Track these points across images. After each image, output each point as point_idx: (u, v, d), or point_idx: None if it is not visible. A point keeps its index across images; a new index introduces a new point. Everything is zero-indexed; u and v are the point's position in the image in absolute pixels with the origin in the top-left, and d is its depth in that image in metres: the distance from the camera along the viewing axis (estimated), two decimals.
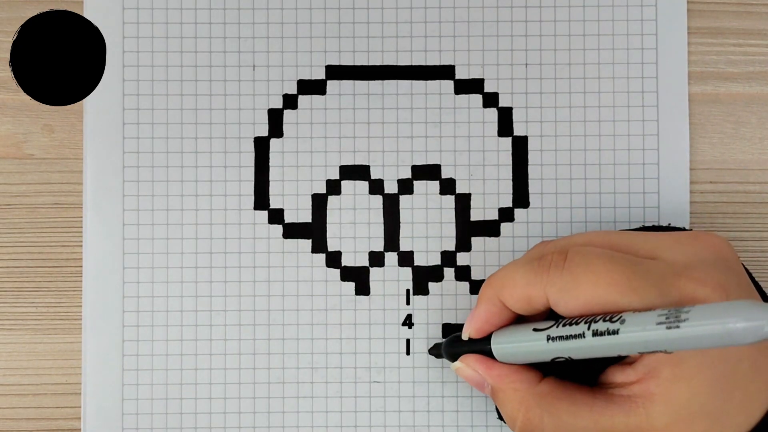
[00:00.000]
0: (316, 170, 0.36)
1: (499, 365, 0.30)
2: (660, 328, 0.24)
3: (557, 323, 0.28)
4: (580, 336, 0.27)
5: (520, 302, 0.29)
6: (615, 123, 0.36)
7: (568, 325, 0.27)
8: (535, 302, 0.29)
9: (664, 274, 0.27)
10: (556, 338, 0.28)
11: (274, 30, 0.36)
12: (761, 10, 0.36)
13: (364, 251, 0.36)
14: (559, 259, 0.28)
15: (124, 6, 0.36)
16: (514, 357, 0.30)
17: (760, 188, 0.36)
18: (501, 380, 0.30)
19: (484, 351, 0.31)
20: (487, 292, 0.30)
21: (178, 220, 0.36)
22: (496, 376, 0.30)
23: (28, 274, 0.36)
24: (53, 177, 0.36)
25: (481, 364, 0.31)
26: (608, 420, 0.27)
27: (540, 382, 0.30)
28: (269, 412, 0.35)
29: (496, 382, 0.30)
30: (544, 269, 0.28)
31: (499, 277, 0.30)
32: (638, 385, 0.27)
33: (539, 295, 0.28)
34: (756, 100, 0.36)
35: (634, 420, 0.27)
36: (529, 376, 0.30)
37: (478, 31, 0.36)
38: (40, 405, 0.36)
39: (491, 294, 0.30)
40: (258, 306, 0.35)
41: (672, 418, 0.26)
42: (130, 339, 0.35)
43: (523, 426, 0.29)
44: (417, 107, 0.36)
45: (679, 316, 0.23)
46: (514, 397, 0.30)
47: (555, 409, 0.28)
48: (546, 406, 0.29)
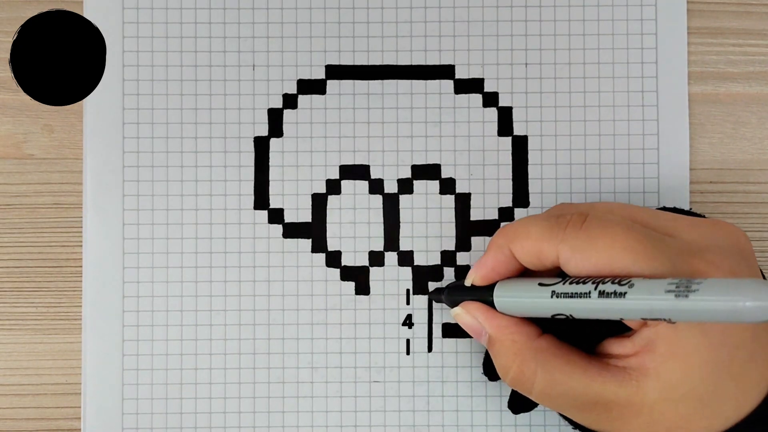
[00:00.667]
0: (316, 170, 0.36)
1: (499, 316, 0.30)
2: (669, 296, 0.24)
3: (564, 280, 0.28)
4: (586, 295, 0.26)
5: (530, 255, 0.29)
6: (615, 123, 0.36)
7: (575, 283, 0.27)
8: (545, 257, 0.28)
9: (679, 251, 0.27)
10: (561, 295, 0.27)
11: (274, 30, 0.36)
12: (761, 10, 0.37)
13: (364, 251, 0.36)
14: (577, 219, 0.28)
15: (124, 6, 0.36)
16: (515, 309, 0.30)
17: (760, 188, 0.36)
18: (500, 330, 0.30)
19: (485, 300, 0.31)
20: (498, 240, 0.30)
21: (178, 220, 0.36)
22: (495, 325, 0.30)
23: (28, 274, 0.36)
24: (53, 177, 0.36)
25: (482, 312, 0.31)
26: (600, 386, 0.27)
27: (539, 337, 0.30)
28: (269, 412, 0.35)
29: (495, 332, 0.30)
30: (561, 226, 0.28)
31: (513, 228, 0.29)
32: (634, 358, 0.27)
33: (551, 251, 0.28)
34: (756, 100, 0.36)
35: (625, 391, 0.27)
36: (528, 329, 0.30)
37: (478, 30, 0.36)
38: (40, 405, 0.36)
39: (502, 242, 0.30)
40: (258, 306, 0.35)
41: (662, 395, 0.26)
42: (130, 339, 0.35)
43: (515, 377, 0.29)
44: (417, 107, 0.36)
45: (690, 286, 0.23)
46: (511, 348, 0.30)
47: (550, 365, 0.28)
48: (541, 361, 0.29)
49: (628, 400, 0.27)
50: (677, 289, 0.24)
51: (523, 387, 0.29)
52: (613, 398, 0.27)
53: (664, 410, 0.27)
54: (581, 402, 0.28)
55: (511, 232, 0.29)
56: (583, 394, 0.28)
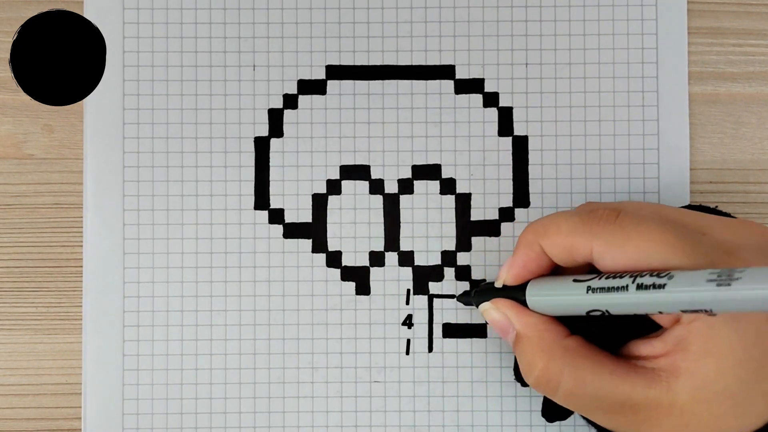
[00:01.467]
0: (316, 170, 0.36)
1: (529, 313, 0.30)
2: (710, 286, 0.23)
3: (599, 276, 0.27)
4: (623, 289, 0.26)
5: (562, 251, 0.28)
6: (615, 123, 0.36)
7: (612, 278, 0.27)
8: (577, 252, 0.28)
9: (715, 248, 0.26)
10: (597, 290, 0.27)
11: (274, 30, 0.36)
12: (761, 10, 0.37)
13: (364, 251, 0.36)
14: (611, 214, 0.27)
15: (124, 6, 0.36)
16: (548, 307, 0.29)
17: (760, 188, 0.36)
18: (529, 327, 0.29)
19: (516, 300, 0.30)
20: (528, 237, 0.29)
21: (178, 220, 0.36)
22: (524, 322, 0.30)
23: (28, 274, 0.36)
24: (53, 177, 0.36)
25: (511, 308, 0.30)
26: (628, 387, 0.27)
27: (567, 336, 0.29)
28: (269, 412, 0.35)
29: (523, 328, 0.30)
30: (594, 221, 0.28)
31: (543, 224, 0.29)
32: (664, 358, 0.27)
33: (584, 246, 0.28)
34: (756, 100, 0.36)
35: (654, 393, 0.27)
36: (558, 328, 0.29)
37: (478, 31, 0.36)
38: (40, 405, 0.36)
39: (531, 239, 0.29)
40: (258, 306, 0.35)
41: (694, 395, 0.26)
42: (131, 339, 0.35)
43: (542, 375, 0.29)
44: (417, 107, 0.36)
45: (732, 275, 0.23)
46: (539, 345, 0.29)
47: (578, 364, 0.28)
48: (569, 360, 0.28)
49: (657, 401, 0.27)
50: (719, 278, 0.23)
51: (548, 386, 0.29)
52: (642, 400, 0.27)
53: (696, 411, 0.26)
54: (608, 404, 0.28)
55: (541, 228, 0.29)
56: (610, 395, 0.27)
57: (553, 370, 0.28)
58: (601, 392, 0.27)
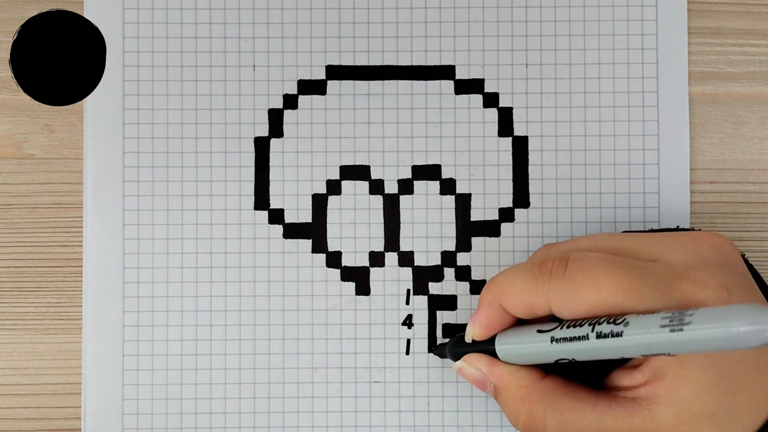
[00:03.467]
0: (316, 170, 0.36)
1: (502, 364, 0.30)
2: (664, 331, 0.24)
3: (561, 325, 0.28)
4: (584, 338, 0.27)
5: (522, 308, 0.29)
6: (615, 123, 0.36)
7: (572, 326, 0.27)
8: (536, 308, 0.29)
9: (665, 276, 0.27)
10: (560, 340, 0.28)
11: (274, 30, 0.36)
12: (761, 10, 0.37)
13: (364, 251, 0.36)
14: (559, 266, 0.28)
15: (124, 6, 0.36)
16: (518, 357, 0.30)
17: (760, 188, 0.36)
18: (504, 378, 0.30)
19: (487, 351, 0.31)
20: (488, 297, 0.30)
21: (178, 220, 0.36)
22: (499, 374, 0.30)
23: (28, 274, 0.36)
24: (53, 177, 0.36)
25: (484, 362, 0.31)
26: (611, 419, 0.27)
27: (543, 379, 0.30)
28: (269, 412, 0.35)
29: (499, 381, 0.30)
30: (545, 276, 0.28)
31: (499, 283, 0.30)
32: (644, 388, 0.27)
33: (541, 302, 0.28)
34: (756, 100, 0.36)
35: (638, 421, 0.27)
36: (531, 374, 0.30)
37: (478, 31, 0.36)
38: (40, 405, 0.36)
39: (491, 299, 0.30)
40: (258, 306, 0.35)
41: (677, 419, 0.27)
42: (130, 339, 0.35)
43: (526, 422, 0.29)
44: (417, 107, 0.36)
45: (683, 319, 0.23)
46: (517, 394, 0.30)
47: (558, 405, 0.29)
48: (549, 402, 0.29)
49: (642, 428, 0.27)
50: (671, 323, 0.24)
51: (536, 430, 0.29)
52: (627, 429, 0.27)
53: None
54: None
55: (498, 288, 0.30)
56: (596, 429, 0.28)
57: (536, 415, 0.29)
58: (585, 428, 0.28)
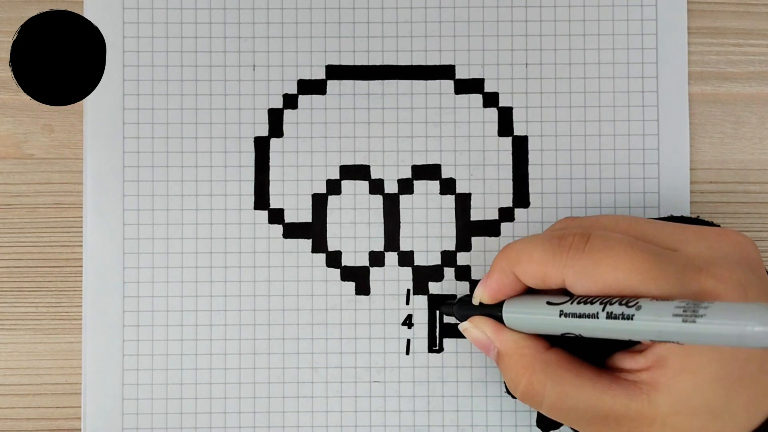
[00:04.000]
0: (316, 170, 0.36)
1: (508, 330, 0.30)
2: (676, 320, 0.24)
3: (572, 299, 0.28)
4: (594, 316, 0.26)
5: (535, 279, 0.29)
6: (615, 123, 0.36)
7: (583, 303, 0.27)
8: (549, 280, 0.28)
9: (685, 267, 0.27)
10: (569, 315, 0.27)
11: (274, 30, 0.36)
12: (761, 10, 0.37)
13: (364, 251, 0.36)
14: (580, 241, 0.28)
15: (124, 6, 0.36)
16: (524, 326, 0.30)
17: (760, 188, 0.36)
18: (508, 344, 0.30)
19: (493, 316, 0.31)
20: (501, 263, 0.30)
21: (178, 220, 0.36)
22: (504, 340, 0.30)
23: (28, 274, 0.36)
24: (53, 177, 0.36)
25: (490, 326, 0.31)
26: (610, 399, 0.27)
27: (547, 350, 0.30)
28: (269, 412, 0.35)
29: (503, 346, 0.30)
30: (564, 250, 0.28)
31: (515, 250, 0.29)
32: (646, 372, 0.27)
33: (556, 275, 0.28)
34: (756, 100, 0.36)
35: (636, 405, 0.27)
36: (537, 343, 0.30)
37: (478, 31, 0.36)
38: (40, 405, 0.36)
39: (504, 266, 0.30)
40: (258, 306, 0.35)
41: (674, 408, 0.27)
42: (130, 339, 0.35)
43: (526, 390, 0.29)
44: (417, 107, 0.36)
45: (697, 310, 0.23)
46: (520, 362, 0.30)
47: (559, 377, 0.28)
48: (551, 374, 0.29)
49: (639, 413, 0.27)
50: (684, 313, 0.24)
51: (533, 401, 0.29)
52: (624, 411, 0.27)
53: (676, 423, 0.27)
54: (592, 415, 0.28)
55: (514, 255, 0.29)
56: (593, 407, 0.28)
57: (536, 384, 0.29)
58: (583, 404, 0.28)
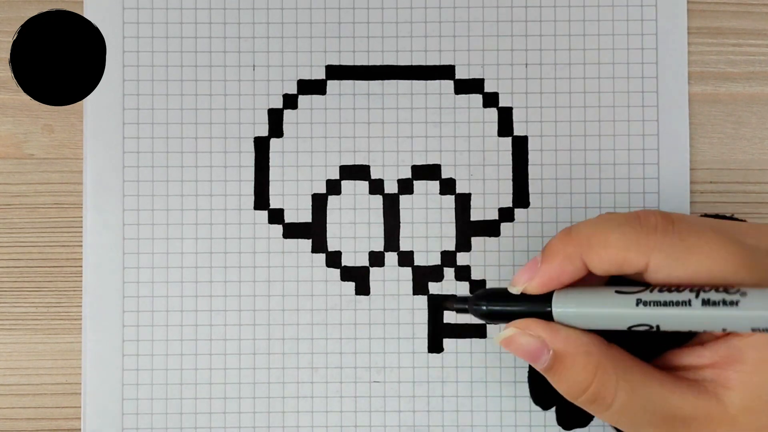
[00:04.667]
0: (316, 170, 0.36)
1: (564, 328, 0.27)
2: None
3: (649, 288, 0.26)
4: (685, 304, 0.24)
5: (612, 265, 0.26)
6: (615, 123, 0.36)
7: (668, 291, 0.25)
8: (629, 266, 0.26)
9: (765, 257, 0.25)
10: (650, 303, 0.25)
11: (274, 30, 0.36)
12: (761, 10, 0.37)
13: (364, 251, 0.36)
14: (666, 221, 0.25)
15: (124, 6, 0.36)
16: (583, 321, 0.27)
17: (760, 188, 0.36)
18: (571, 344, 0.26)
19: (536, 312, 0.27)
20: (567, 248, 0.26)
21: (178, 220, 0.36)
22: (563, 339, 0.27)
23: (28, 274, 0.36)
24: (53, 177, 0.36)
25: (543, 327, 0.27)
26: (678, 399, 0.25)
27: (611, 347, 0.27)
28: (269, 412, 0.35)
29: (564, 346, 0.26)
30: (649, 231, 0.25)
31: (587, 235, 0.26)
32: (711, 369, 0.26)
33: (639, 260, 0.25)
34: (756, 100, 0.36)
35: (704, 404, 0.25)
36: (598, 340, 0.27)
37: (478, 31, 0.36)
38: (40, 405, 0.36)
39: (572, 251, 0.26)
40: (258, 306, 0.35)
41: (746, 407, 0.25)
42: (130, 339, 0.35)
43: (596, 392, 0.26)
44: (417, 107, 0.36)
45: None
46: (588, 362, 0.26)
47: (630, 375, 0.26)
48: (621, 372, 0.26)
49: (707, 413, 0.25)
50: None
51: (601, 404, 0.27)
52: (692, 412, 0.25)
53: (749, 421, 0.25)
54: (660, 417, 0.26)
55: (585, 239, 0.26)
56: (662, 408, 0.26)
57: (608, 385, 0.26)
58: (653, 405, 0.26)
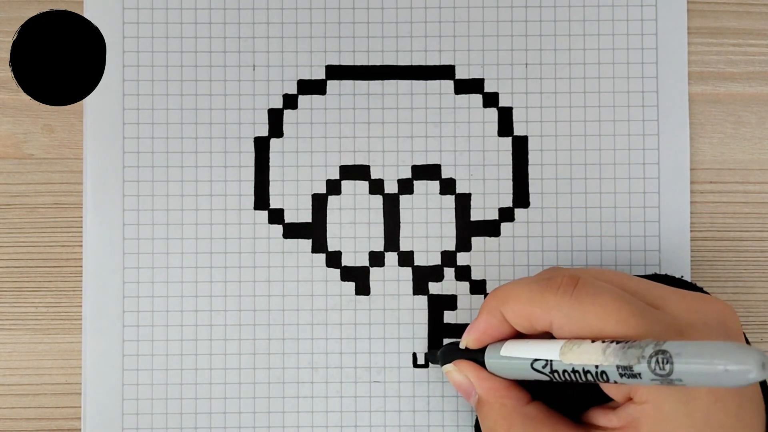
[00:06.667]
0: (316, 170, 0.36)
1: (492, 378, 0.30)
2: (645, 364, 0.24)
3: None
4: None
5: (522, 319, 0.29)
6: (615, 123, 0.36)
7: None
8: (536, 322, 0.28)
9: (666, 325, 0.27)
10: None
11: (274, 30, 0.36)
12: (761, 10, 0.37)
13: (364, 251, 0.36)
14: (569, 284, 0.28)
15: (124, 6, 0.36)
16: (505, 372, 0.30)
17: (760, 188, 0.36)
18: (491, 393, 0.30)
19: (477, 361, 0.31)
20: (490, 303, 0.30)
21: (178, 220, 0.36)
22: (487, 387, 0.30)
23: (28, 274, 0.36)
24: (53, 177, 0.36)
25: (473, 371, 0.31)
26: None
27: (528, 403, 0.30)
28: (269, 412, 0.35)
29: (486, 394, 0.30)
30: (552, 291, 0.28)
31: (505, 291, 0.29)
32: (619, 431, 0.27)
33: (543, 316, 0.28)
34: (756, 100, 0.36)
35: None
36: (519, 395, 0.30)
37: (478, 31, 0.36)
38: (40, 405, 0.36)
39: (493, 306, 0.30)
40: (258, 306, 0.35)
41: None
42: (130, 339, 0.35)
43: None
44: (417, 107, 0.36)
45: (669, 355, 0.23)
46: (501, 412, 0.30)
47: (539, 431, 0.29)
48: (529, 428, 0.29)
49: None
50: (653, 356, 0.24)
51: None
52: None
53: None
54: None
55: (502, 294, 0.29)
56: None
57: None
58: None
